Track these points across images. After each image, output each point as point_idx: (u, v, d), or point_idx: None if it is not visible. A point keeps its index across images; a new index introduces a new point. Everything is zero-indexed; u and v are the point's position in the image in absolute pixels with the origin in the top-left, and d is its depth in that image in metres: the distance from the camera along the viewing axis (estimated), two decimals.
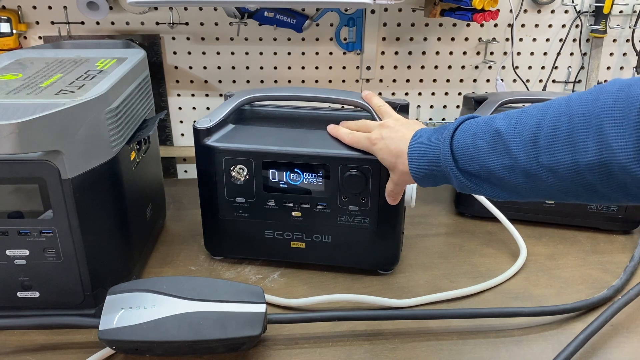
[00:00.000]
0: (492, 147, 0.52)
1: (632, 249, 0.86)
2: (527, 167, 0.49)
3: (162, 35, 1.03)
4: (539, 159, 0.48)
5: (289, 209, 0.77)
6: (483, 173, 0.53)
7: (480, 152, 0.53)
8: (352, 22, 1.04)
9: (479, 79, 1.11)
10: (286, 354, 0.66)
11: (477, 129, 0.55)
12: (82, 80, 0.70)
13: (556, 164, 0.46)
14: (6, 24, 0.97)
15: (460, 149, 0.55)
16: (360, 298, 0.74)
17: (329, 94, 0.80)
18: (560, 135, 0.46)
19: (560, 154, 0.46)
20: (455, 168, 0.56)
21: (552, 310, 0.71)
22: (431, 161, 0.59)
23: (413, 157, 0.61)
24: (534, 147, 0.48)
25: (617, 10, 1.05)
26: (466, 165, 0.55)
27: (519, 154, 0.49)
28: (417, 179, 0.62)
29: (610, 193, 0.45)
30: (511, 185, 0.52)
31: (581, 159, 0.44)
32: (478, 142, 0.53)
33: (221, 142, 0.75)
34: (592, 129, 0.44)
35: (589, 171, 0.44)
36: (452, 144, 0.56)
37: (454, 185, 0.58)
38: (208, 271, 0.82)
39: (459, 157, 0.56)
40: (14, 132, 0.55)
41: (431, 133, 0.61)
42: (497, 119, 0.53)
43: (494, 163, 0.52)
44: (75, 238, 0.65)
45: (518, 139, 0.49)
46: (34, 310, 0.68)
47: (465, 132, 0.56)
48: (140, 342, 0.60)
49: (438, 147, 0.58)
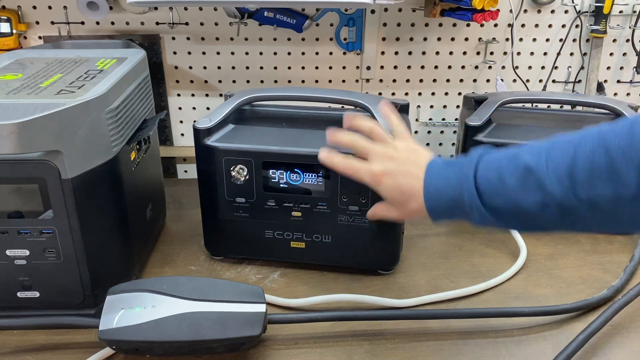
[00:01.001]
0: (522, 183, 0.50)
1: (632, 249, 0.86)
2: (563, 202, 0.48)
3: (162, 35, 1.03)
4: (577, 194, 0.47)
5: (289, 209, 0.77)
6: (511, 208, 0.52)
7: (508, 188, 0.51)
8: (352, 22, 1.04)
9: (479, 79, 1.11)
10: (286, 354, 0.66)
11: (501, 164, 0.53)
12: (82, 80, 0.70)
13: (596, 198, 0.46)
14: (6, 24, 0.97)
15: (486, 185, 0.53)
16: (360, 298, 0.74)
17: (329, 94, 0.80)
18: (598, 169, 0.45)
19: (601, 187, 0.45)
20: (481, 205, 0.54)
21: (552, 310, 0.71)
22: (452, 199, 0.56)
23: (430, 196, 0.58)
24: (570, 182, 0.47)
25: (617, 10, 1.05)
26: (492, 200, 0.53)
27: (555, 189, 0.48)
28: (432, 214, 0.59)
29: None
30: (542, 221, 0.51)
31: (624, 192, 0.44)
32: (506, 179, 0.52)
33: (221, 142, 0.75)
34: (632, 162, 0.43)
35: (631, 204, 0.44)
36: (477, 181, 0.54)
37: (474, 221, 0.56)
38: (208, 271, 0.82)
39: (483, 193, 0.54)
40: (14, 132, 0.55)
41: (446, 167, 0.58)
42: (523, 154, 0.52)
43: (527, 200, 0.50)
44: (75, 238, 0.65)
45: (552, 175, 0.48)
46: (34, 310, 0.68)
47: (489, 169, 0.54)
48: (140, 342, 0.60)
49: (460, 183, 0.55)
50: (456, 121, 1.14)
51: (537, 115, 0.97)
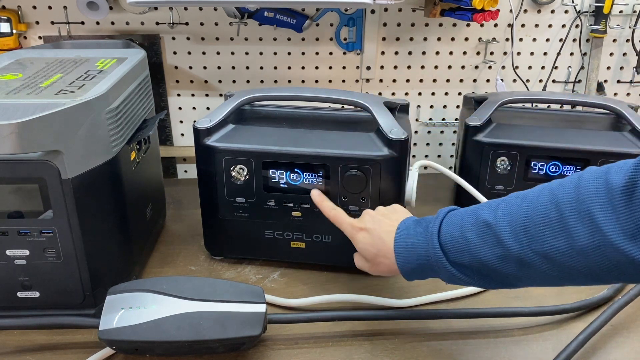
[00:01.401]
0: (482, 239, 0.52)
1: None
2: (520, 256, 0.50)
3: (162, 35, 1.03)
4: (532, 247, 0.49)
5: (289, 209, 0.77)
6: (475, 264, 0.53)
7: (470, 244, 0.53)
8: (352, 22, 1.04)
9: (479, 79, 1.11)
10: (286, 354, 0.66)
11: (463, 220, 0.55)
12: (82, 80, 0.70)
13: (550, 250, 0.48)
14: (6, 24, 0.97)
15: (449, 242, 0.55)
16: (360, 298, 0.74)
17: (329, 94, 0.80)
18: (550, 223, 0.48)
19: (554, 240, 0.47)
20: (446, 261, 0.55)
21: (552, 310, 0.71)
22: (419, 255, 0.58)
23: (400, 252, 0.59)
24: (525, 236, 0.49)
25: (617, 10, 1.05)
26: (457, 258, 0.55)
27: (511, 243, 0.50)
28: (404, 273, 0.60)
29: (605, 275, 0.46)
30: (503, 275, 0.52)
31: (575, 244, 0.46)
32: (467, 234, 0.54)
33: (221, 142, 0.75)
34: (581, 215, 0.46)
35: (583, 255, 0.46)
36: (440, 238, 0.56)
37: (443, 279, 0.57)
38: (208, 271, 0.82)
39: (448, 250, 0.55)
40: (14, 132, 0.55)
41: (415, 226, 0.60)
42: (481, 210, 0.54)
43: (486, 254, 0.52)
44: (75, 238, 0.65)
45: (508, 229, 0.50)
46: (34, 310, 0.68)
47: (451, 225, 0.56)
48: (140, 342, 0.60)
49: (426, 241, 0.57)
50: (456, 121, 1.14)
51: (537, 115, 0.97)
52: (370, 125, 0.78)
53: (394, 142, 0.71)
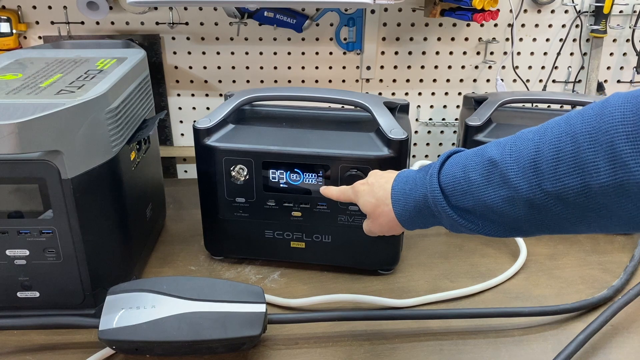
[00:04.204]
0: (487, 179, 0.47)
1: (632, 249, 0.86)
2: (530, 197, 0.44)
3: (162, 35, 1.03)
4: (542, 187, 0.43)
5: (289, 209, 0.77)
6: (479, 208, 0.48)
7: (473, 185, 0.48)
8: (352, 22, 1.04)
9: (479, 79, 1.11)
10: (286, 354, 0.66)
11: (467, 160, 0.49)
12: (82, 80, 0.70)
13: (563, 190, 0.42)
14: (6, 24, 0.97)
15: (451, 184, 0.50)
16: (360, 298, 0.74)
17: (329, 94, 0.80)
18: (564, 158, 0.41)
19: (567, 178, 0.41)
20: (447, 205, 0.50)
21: (552, 310, 0.71)
22: (417, 201, 0.52)
23: (397, 198, 0.55)
24: (535, 174, 0.43)
25: (617, 10, 1.05)
26: (459, 201, 0.49)
27: (519, 183, 0.44)
28: (402, 222, 0.55)
29: (629, 217, 0.40)
30: (512, 220, 0.47)
31: (593, 182, 0.40)
32: (470, 175, 0.48)
33: (221, 142, 0.75)
34: (601, 147, 0.39)
35: (602, 194, 0.40)
36: (440, 179, 0.51)
37: (446, 225, 0.52)
38: (208, 271, 0.82)
39: (450, 193, 0.50)
40: (14, 132, 0.55)
41: (416, 172, 0.55)
42: (488, 148, 0.48)
43: (491, 196, 0.46)
44: (75, 238, 0.65)
45: (516, 167, 0.45)
46: (34, 310, 0.68)
47: (454, 165, 0.50)
48: (140, 342, 0.60)
49: (424, 184, 0.52)
50: (456, 121, 1.14)
51: (537, 115, 0.97)
52: (370, 125, 0.78)
53: (393, 142, 0.71)
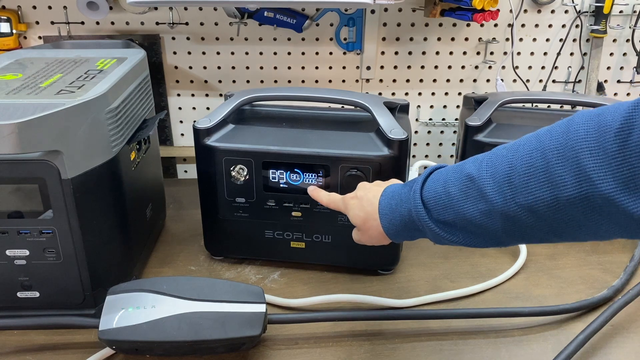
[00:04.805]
0: (465, 193, 0.50)
1: (632, 249, 0.86)
2: (504, 210, 0.47)
3: (162, 35, 1.03)
4: (516, 200, 0.46)
5: (289, 209, 0.77)
6: (459, 221, 0.51)
7: (453, 199, 0.51)
8: (352, 22, 1.04)
9: (479, 79, 1.11)
10: (286, 354, 0.66)
11: (448, 176, 0.53)
12: (82, 80, 0.70)
13: (535, 203, 0.44)
14: (6, 24, 0.97)
15: (432, 198, 0.53)
16: (360, 298, 0.74)
17: (329, 94, 0.80)
18: (535, 173, 0.44)
19: (538, 191, 0.44)
20: (429, 219, 0.53)
21: (552, 310, 0.71)
22: (402, 215, 0.56)
23: (384, 213, 0.58)
24: (509, 188, 0.46)
25: (617, 10, 1.05)
26: (440, 215, 0.52)
27: (494, 196, 0.47)
28: (390, 235, 0.59)
29: (597, 227, 0.43)
30: (490, 231, 0.49)
31: (561, 195, 0.43)
32: (450, 190, 0.51)
33: (221, 142, 0.75)
34: (568, 162, 0.42)
35: (570, 207, 0.42)
36: (423, 195, 0.54)
37: (430, 238, 0.55)
38: (208, 271, 0.82)
39: (432, 207, 0.53)
40: (14, 132, 0.55)
41: (401, 187, 0.59)
42: (467, 164, 0.51)
43: (469, 209, 0.49)
44: (75, 238, 0.65)
45: (492, 182, 0.48)
46: (34, 310, 0.68)
47: (436, 181, 0.54)
48: (140, 342, 0.60)
49: (409, 199, 0.55)
50: (456, 121, 1.14)
51: (537, 115, 0.97)
52: (370, 125, 0.78)
53: (393, 142, 0.71)
